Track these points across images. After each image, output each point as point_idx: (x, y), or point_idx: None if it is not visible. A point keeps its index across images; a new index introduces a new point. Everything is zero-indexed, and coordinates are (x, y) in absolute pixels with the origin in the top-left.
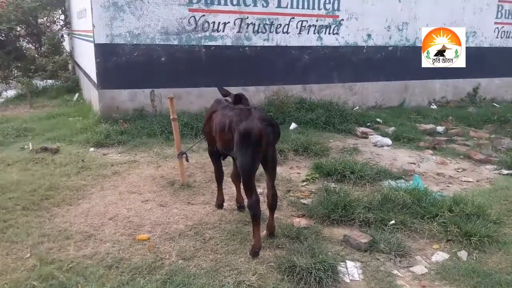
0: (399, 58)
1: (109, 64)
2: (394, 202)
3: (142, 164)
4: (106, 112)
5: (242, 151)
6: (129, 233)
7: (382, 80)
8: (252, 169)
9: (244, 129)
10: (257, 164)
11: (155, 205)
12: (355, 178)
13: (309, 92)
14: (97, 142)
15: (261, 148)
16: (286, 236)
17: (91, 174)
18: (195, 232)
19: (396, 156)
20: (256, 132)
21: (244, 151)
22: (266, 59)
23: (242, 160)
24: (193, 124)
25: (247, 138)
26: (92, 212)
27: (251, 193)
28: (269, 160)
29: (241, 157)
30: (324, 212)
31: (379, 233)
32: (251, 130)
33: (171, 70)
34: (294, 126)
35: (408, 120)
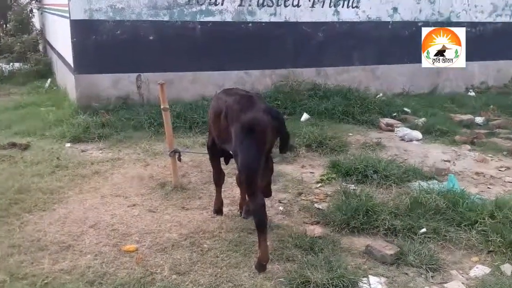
0: None
1: (87, 44)
2: (425, 206)
3: (128, 162)
4: (85, 101)
5: (244, 146)
6: (114, 243)
7: (410, 62)
8: (256, 168)
9: (248, 122)
10: (261, 162)
11: (144, 211)
12: (379, 179)
13: (323, 76)
14: (74, 137)
15: (266, 145)
16: (297, 247)
17: (67, 174)
18: (190, 242)
19: (427, 152)
20: (263, 127)
21: (246, 147)
22: (273, 38)
23: (244, 157)
24: (187, 115)
25: (250, 132)
26: (70, 218)
27: (255, 196)
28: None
29: (242, 154)
30: (342, 218)
31: (408, 243)
32: (256, 124)
33: (161, 51)
34: (306, 117)
35: (441, 109)
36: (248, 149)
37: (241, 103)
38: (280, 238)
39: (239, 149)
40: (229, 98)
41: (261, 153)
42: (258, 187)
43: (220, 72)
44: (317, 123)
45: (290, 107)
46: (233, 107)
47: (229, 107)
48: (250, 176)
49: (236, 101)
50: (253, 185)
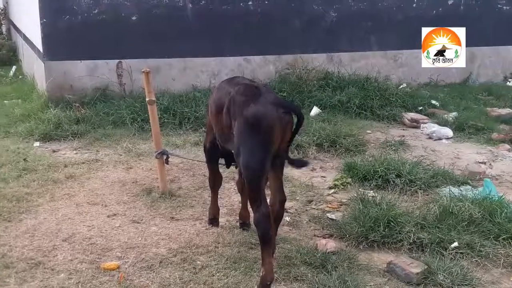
0: (462, 14)
1: (59, 26)
2: (457, 216)
3: (107, 164)
4: (56, 92)
5: (247, 145)
6: (91, 260)
7: None
8: (261, 171)
9: (253, 116)
10: (267, 165)
11: (126, 221)
12: (403, 184)
13: (337, 63)
14: (44, 134)
15: (274, 144)
16: (307, 264)
17: (37, 178)
18: (181, 259)
19: (459, 153)
20: (270, 122)
21: (250, 146)
22: (277, 18)
23: (247, 158)
24: (176, 109)
25: (255, 128)
26: (40, 231)
27: (259, 204)
28: (280, 155)
29: (245, 154)
30: (359, 230)
31: (437, 260)
32: (262, 118)
33: (145, 34)
34: (317, 111)
35: (475, 102)
36: (252, 148)
37: (245, 94)
38: (286, 253)
39: (241, 148)
40: (233, 88)
41: (267, 153)
42: (263, 193)
43: (215, 59)
44: (329, 118)
45: (297, 99)
46: (236, 99)
47: (232, 99)
48: (253, 180)
49: (240, 92)
50: (257, 190)
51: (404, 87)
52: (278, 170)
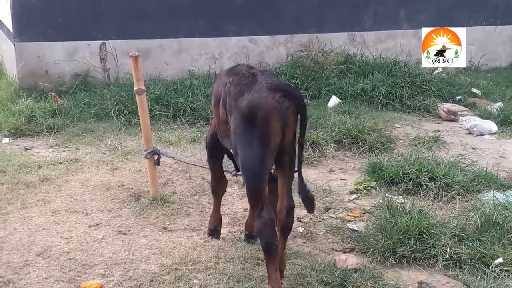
0: None
1: (32, 2)
2: (501, 227)
3: (89, 165)
4: (29, 80)
5: (243, 141)
6: (70, 278)
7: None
8: (261, 171)
9: (246, 107)
10: (269, 163)
11: (111, 233)
12: (438, 188)
13: (359, 44)
14: (15, 129)
15: (275, 136)
16: (324, 284)
17: (6, 181)
18: (176, 277)
19: (505, 152)
20: (265, 110)
21: (246, 142)
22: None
23: (244, 156)
24: (170, 99)
25: (250, 121)
26: (10, 244)
27: (261, 210)
28: (285, 151)
29: (242, 151)
30: (386, 244)
31: (478, 279)
32: (256, 108)
33: (132, 10)
34: (336, 102)
35: None
36: (248, 144)
37: (239, 84)
38: (299, 271)
39: (238, 145)
40: (230, 79)
41: (266, 149)
42: (264, 197)
43: (215, 39)
44: (350, 110)
45: (313, 87)
46: (230, 91)
47: (227, 91)
48: (252, 181)
49: (235, 82)
50: (257, 194)
51: (439, 73)
52: (286, 170)
